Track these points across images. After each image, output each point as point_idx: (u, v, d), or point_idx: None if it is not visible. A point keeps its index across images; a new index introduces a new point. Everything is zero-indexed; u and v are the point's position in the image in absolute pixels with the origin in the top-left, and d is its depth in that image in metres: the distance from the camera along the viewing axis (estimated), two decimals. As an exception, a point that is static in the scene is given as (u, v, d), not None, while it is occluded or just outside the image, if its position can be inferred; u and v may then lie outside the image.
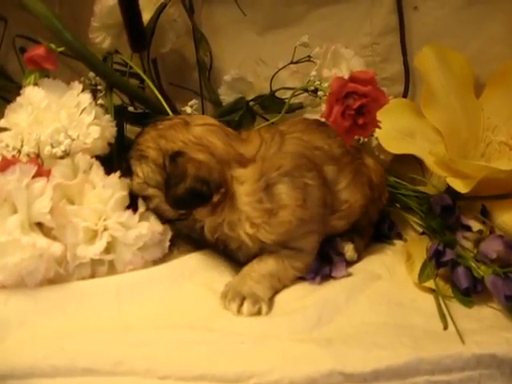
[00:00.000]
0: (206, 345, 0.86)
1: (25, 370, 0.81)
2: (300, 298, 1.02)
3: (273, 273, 1.02)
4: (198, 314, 0.96)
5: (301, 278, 1.07)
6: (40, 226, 0.98)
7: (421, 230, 1.22)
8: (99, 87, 1.23)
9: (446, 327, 0.94)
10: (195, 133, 1.02)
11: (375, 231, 1.25)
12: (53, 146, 1.01)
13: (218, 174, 0.98)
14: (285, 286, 1.04)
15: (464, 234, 1.09)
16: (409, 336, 0.91)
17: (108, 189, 1.02)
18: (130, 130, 1.39)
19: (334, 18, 1.45)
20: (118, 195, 1.02)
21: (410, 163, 1.35)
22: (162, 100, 1.23)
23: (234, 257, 1.09)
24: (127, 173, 1.06)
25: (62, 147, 1.01)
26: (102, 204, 1.01)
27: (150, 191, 1.04)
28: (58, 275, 0.98)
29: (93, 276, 1.01)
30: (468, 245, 1.08)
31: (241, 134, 1.08)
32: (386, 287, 1.07)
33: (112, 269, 1.03)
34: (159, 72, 1.42)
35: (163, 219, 1.06)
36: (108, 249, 1.01)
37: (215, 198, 0.98)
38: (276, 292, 1.03)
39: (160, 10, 1.27)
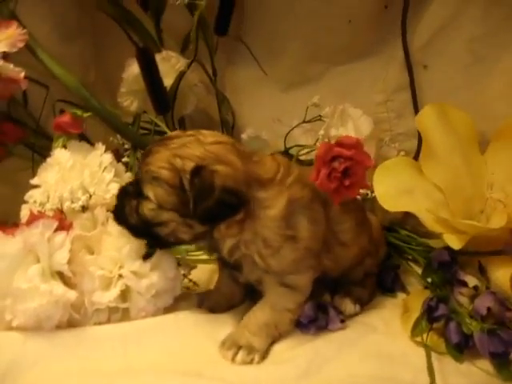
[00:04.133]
0: (195, 390, 0.95)
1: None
2: (293, 347, 1.08)
3: (269, 322, 1.07)
4: (195, 362, 1.04)
5: (297, 327, 1.12)
6: (61, 274, 1.10)
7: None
8: (126, 146, 1.35)
9: (432, 382, 0.97)
10: (211, 149, 1.00)
11: (378, 284, 1.30)
12: (72, 202, 1.14)
13: (243, 185, 1.00)
14: (282, 334, 1.09)
15: (460, 290, 1.12)
16: (390, 389, 0.95)
17: (123, 237, 1.12)
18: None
19: (351, 76, 1.52)
20: (134, 243, 1.12)
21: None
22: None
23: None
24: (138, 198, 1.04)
25: (80, 202, 1.14)
26: (117, 252, 1.11)
27: (165, 215, 1.02)
28: (75, 320, 1.09)
29: (109, 321, 1.11)
30: (464, 300, 1.11)
31: (252, 156, 1.07)
32: (379, 340, 1.11)
33: (126, 315, 1.12)
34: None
35: (179, 242, 1.07)
36: (124, 297, 1.12)
37: (240, 215, 1.00)
38: (274, 340, 1.08)
39: (179, 77, 1.39)
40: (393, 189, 1.19)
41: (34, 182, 1.21)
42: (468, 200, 1.23)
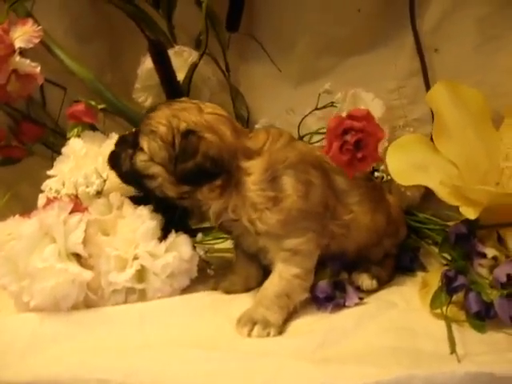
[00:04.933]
0: (210, 361, 0.93)
1: (49, 380, 0.92)
2: (309, 323, 1.08)
3: (279, 292, 1.07)
4: (211, 337, 1.04)
5: (315, 304, 1.12)
6: (78, 257, 1.11)
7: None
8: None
9: (452, 351, 0.94)
10: (207, 118, 1.08)
11: (398, 263, 1.29)
12: (87, 186, 1.16)
13: (226, 156, 1.06)
14: (296, 305, 1.08)
15: (480, 262, 1.10)
16: (409, 357, 0.93)
17: (138, 218, 1.14)
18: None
19: (363, 67, 1.53)
20: (148, 225, 1.14)
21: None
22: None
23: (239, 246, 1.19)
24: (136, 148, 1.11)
25: (95, 187, 1.16)
26: (132, 233, 1.13)
27: (154, 169, 1.08)
28: (93, 301, 1.10)
29: (125, 302, 1.12)
30: (484, 271, 1.09)
31: (248, 133, 1.14)
32: (399, 314, 1.10)
33: (143, 296, 1.13)
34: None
35: (165, 198, 1.11)
36: (140, 278, 1.13)
37: (219, 181, 1.05)
38: (289, 311, 1.08)
39: (192, 69, 1.41)
40: (405, 164, 1.19)
41: (50, 172, 1.25)
42: (484, 174, 1.21)
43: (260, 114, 1.59)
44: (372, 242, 1.21)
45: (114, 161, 1.15)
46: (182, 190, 1.09)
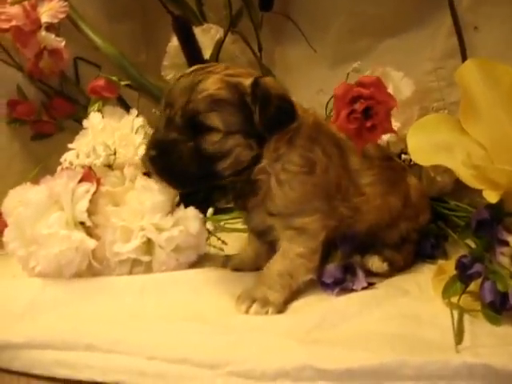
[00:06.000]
0: (197, 334, 0.92)
1: (41, 344, 0.94)
2: (311, 303, 1.04)
3: (282, 271, 1.03)
4: (207, 311, 1.02)
5: (321, 288, 1.07)
6: (87, 226, 1.12)
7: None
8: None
9: (458, 342, 0.87)
10: (249, 71, 1.05)
11: (419, 250, 1.22)
12: (95, 158, 1.18)
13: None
14: (299, 286, 1.05)
15: (501, 250, 1.01)
16: (406, 345, 0.87)
17: (147, 191, 1.14)
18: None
19: (399, 47, 1.46)
20: (156, 198, 1.13)
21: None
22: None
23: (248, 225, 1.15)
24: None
25: (101, 159, 1.18)
26: (140, 205, 1.13)
27: (230, 142, 0.98)
28: (98, 270, 1.12)
29: (131, 274, 1.13)
30: (505, 261, 1.00)
31: None
32: (408, 302, 1.03)
33: (149, 269, 1.13)
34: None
35: (241, 169, 1.02)
36: (147, 250, 1.13)
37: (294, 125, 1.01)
38: (291, 291, 1.04)
39: (217, 46, 1.40)
40: (427, 144, 1.11)
41: (70, 145, 1.27)
42: (516, 157, 1.12)
43: (293, 95, 1.55)
44: (385, 222, 1.15)
45: (170, 171, 1.00)
46: (255, 154, 1.01)
